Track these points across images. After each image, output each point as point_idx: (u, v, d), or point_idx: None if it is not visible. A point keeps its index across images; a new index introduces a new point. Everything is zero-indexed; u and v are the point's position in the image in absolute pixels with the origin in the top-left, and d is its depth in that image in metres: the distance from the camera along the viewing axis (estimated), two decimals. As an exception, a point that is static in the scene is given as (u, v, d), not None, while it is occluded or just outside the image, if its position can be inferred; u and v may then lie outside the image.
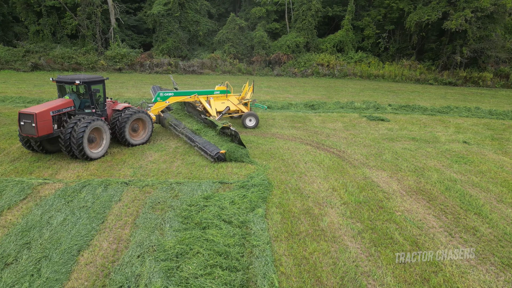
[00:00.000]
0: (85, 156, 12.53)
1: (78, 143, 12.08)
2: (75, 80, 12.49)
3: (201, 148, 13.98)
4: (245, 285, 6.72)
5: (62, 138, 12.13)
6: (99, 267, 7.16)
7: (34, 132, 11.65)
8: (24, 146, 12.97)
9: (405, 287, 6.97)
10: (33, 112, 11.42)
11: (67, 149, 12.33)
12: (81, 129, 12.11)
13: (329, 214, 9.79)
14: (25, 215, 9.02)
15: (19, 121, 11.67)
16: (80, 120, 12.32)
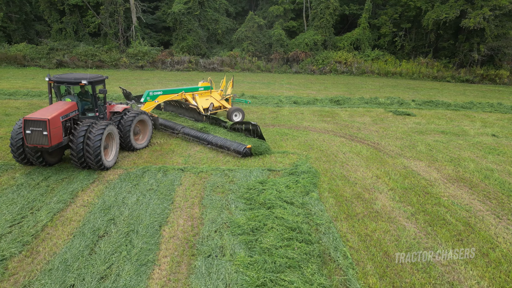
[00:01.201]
0: (102, 166, 11.01)
1: (96, 152, 10.60)
2: (80, 80, 10.94)
3: (221, 146, 13.64)
4: (321, 255, 7.30)
5: (74, 148, 10.57)
6: (182, 240, 7.77)
7: (45, 142, 9.92)
8: (17, 159, 10.96)
9: (466, 260, 7.49)
10: (45, 118, 9.71)
11: (79, 160, 10.75)
12: (97, 136, 10.67)
13: (380, 198, 10.32)
14: (99, 196, 9.67)
15: (24, 130, 9.87)
16: (93, 126, 10.93)
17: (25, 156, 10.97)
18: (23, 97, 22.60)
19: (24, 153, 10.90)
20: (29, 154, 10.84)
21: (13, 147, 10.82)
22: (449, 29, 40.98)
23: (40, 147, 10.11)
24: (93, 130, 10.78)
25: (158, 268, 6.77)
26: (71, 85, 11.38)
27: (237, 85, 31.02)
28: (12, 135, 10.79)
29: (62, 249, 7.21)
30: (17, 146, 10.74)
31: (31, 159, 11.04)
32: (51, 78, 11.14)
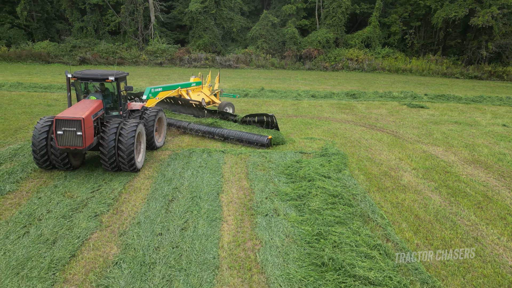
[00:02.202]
0: (134, 168, 10.23)
1: (129, 153, 9.79)
2: (107, 76, 10.21)
3: (240, 139, 13.68)
4: (362, 215, 8.45)
5: (106, 149, 9.74)
6: (239, 204, 8.95)
7: (79, 143, 9.08)
8: (39, 163, 9.90)
9: (487, 222, 8.61)
10: (80, 117, 8.91)
11: (111, 162, 9.92)
12: (130, 135, 9.86)
13: (405, 176, 11.44)
14: (158, 171, 10.87)
15: (55, 131, 8.93)
16: (124, 125, 10.15)
17: (48, 159, 9.86)
18: (58, 90, 23.91)
19: (47, 156, 9.78)
20: (54, 157, 9.75)
21: (36, 149, 9.62)
22: (458, 27, 41.85)
23: (73, 149, 9.15)
24: (125, 130, 9.90)
25: (226, 223, 7.96)
26: (97, 81, 10.40)
27: (254, 81, 32.20)
28: (35, 136, 9.59)
29: (141, 209, 8.43)
30: (41, 148, 9.59)
31: (56, 163, 9.90)
32: (74, 75, 10.24)
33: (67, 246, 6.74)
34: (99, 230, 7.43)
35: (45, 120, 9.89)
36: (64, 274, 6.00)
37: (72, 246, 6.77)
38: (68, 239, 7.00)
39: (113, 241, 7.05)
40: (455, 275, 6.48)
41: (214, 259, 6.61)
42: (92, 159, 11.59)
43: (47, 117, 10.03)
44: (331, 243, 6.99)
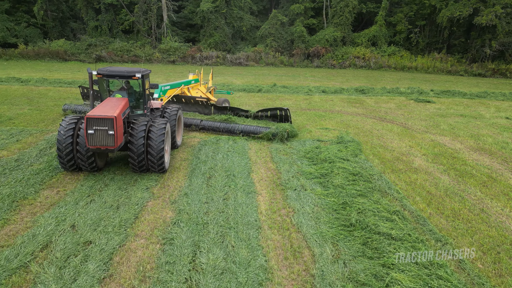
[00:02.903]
0: (163, 169, 9.81)
1: (159, 154, 9.39)
2: (134, 73, 9.73)
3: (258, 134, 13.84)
4: (380, 190, 9.46)
5: (135, 149, 9.22)
6: (269, 182, 9.99)
7: (111, 143, 8.57)
8: (64, 165, 9.37)
9: (492, 197, 9.59)
10: (112, 116, 8.40)
11: (139, 162, 9.43)
12: (160, 135, 9.45)
13: (416, 160, 12.42)
14: (191, 154, 11.93)
15: (86, 130, 8.36)
16: (153, 124, 9.70)
17: (74, 161, 9.33)
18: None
19: (73, 157, 9.25)
20: (80, 158, 9.22)
21: (62, 150, 9.08)
22: (462, 26, 42.65)
23: (104, 149, 8.63)
24: (154, 129, 9.48)
25: (261, 196, 9.00)
26: (124, 78, 10.01)
27: (265, 78, 33.19)
28: (60, 137, 9.03)
29: (185, 184, 9.49)
30: (67, 149, 9.06)
31: (82, 164, 9.37)
32: (99, 72, 9.75)
33: (130, 210, 7.81)
34: (152, 199, 8.50)
35: (70, 120, 9.24)
36: (134, 230, 7.07)
37: (134, 210, 7.84)
38: (129, 205, 8.07)
39: (167, 208, 8.11)
40: (464, 235, 7.49)
41: (256, 221, 7.65)
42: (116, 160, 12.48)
43: (71, 117, 9.38)
44: (355, 210, 8.01)
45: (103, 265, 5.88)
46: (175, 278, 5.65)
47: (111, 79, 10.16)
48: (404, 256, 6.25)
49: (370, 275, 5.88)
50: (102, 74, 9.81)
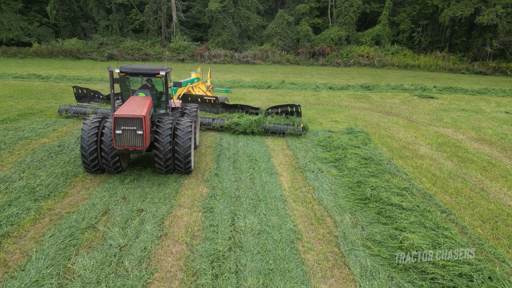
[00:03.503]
0: (190, 169, 9.43)
1: (187, 154, 8.99)
2: (157, 71, 9.36)
3: (274, 130, 14.01)
4: (390, 172, 10.40)
5: (161, 149, 8.84)
6: (289, 165, 10.94)
7: (139, 143, 8.19)
8: (88, 167, 8.97)
9: (491, 179, 10.51)
10: (141, 115, 8.03)
11: (166, 163, 9.03)
12: (187, 135, 9.02)
13: (421, 148, 13.34)
14: (214, 143, 12.89)
15: (114, 130, 7.99)
16: (179, 123, 9.29)
17: (98, 161, 8.91)
18: (99, 82, 26.02)
19: (97, 158, 8.84)
20: (105, 159, 8.84)
21: (85, 152, 8.65)
22: (464, 25, 43.46)
23: (131, 150, 8.26)
24: (180, 129, 9.05)
25: (282, 176, 9.96)
26: (147, 76, 9.59)
27: (272, 75, 34.11)
28: (83, 138, 8.59)
29: (214, 166, 10.45)
30: (91, 151, 8.64)
31: (106, 166, 8.99)
32: (122, 69, 9.33)
33: (170, 186, 8.79)
34: (187, 178, 9.46)
35: (93, 120, 8.81)
36: (177, 202, 8.05)
37: (173, 186, 8.82)
38: (168, 183, 9.04)
39: (201, 185, 9.09)
40: (466, 209, 8.43)
41: (281, 196, 8.62)
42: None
43: (94, 116, 8.97)
44: (369, 187, 8.96)
45: (157, 227, 6.86)
46: (220, 236, 6.63)
47: (134, 77, 9.70)
48: (414, 221, 7.20)
49: (386, 236, 6.83)
50: (125, 72, 9.34)
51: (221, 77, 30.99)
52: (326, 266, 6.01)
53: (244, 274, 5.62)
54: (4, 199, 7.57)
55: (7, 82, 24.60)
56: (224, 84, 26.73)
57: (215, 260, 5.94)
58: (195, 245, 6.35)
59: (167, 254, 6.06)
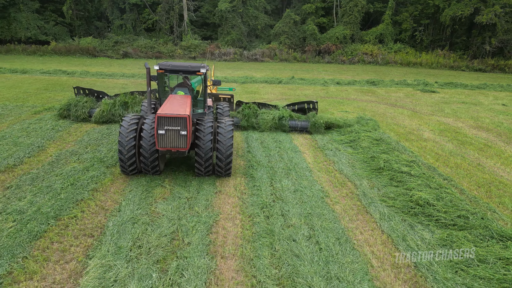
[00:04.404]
0: (230, 172, 8.87)
1: (228, 154, 8.39)
2: (198, 68, 8.98)
3: (294, 127, 14.07)
4: (398, 150, 11.85)
5: (202, 150, 8.22)
6: (309, 146, 12.36)
7: (183, 144, 7.86)
8: (125, 169, 8.40)
9: (487, 157, 11.94)
10: (185, 114, 7.64)
11: (206, 165, 8.44)
12: (229, 134, 8.46)
13: (425, 133, 14.77)
14: (245, 136, 14.33)
15: (157, 129, 7.63)
16: (220, 123, 8.67)
17: (135, 163, 8.38)
18: (121, 78, 27.52)
19: (135, 160, 8.29)
20: (144, 160, 8.30)
21: (124, 152, 8.11)
22: (464, 24, 44.78)
23: (174, 151, 7.93)
24: (222, 129, 8.50)
25: (305, 154, 11.42)
26: (188, 74, 9.19)
27: (281, 72, 35.53)
28: (122, 138, 8.06)
29: (244, 146, 11.91)
30: (129, 151, 8.09)
31: (144, 167, 8.50)
32: (161, 66, 8.95)
33: (213, 159, 10.25)
34: (225, 154, 10.92)
35: (131, 121, 8.29)
36: (222, 170, 9.51)
37: (216, 159, 10.29)
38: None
39: (238, 159, 10.54)
40: (464, 178, 9.87)
41: (307, 167, 10.08)
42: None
43: (131, 116, 8.46)
44: (382, 160, 10.41)
45: (212, 186, 8.34)
46: (263, 193, 8.11)
47: (174, 74, 9.36)
48: (421, 184, 8.66)
49: (398, 194, 8.29)
50: (164, 69, 8.94)
51: (233, 74, 32.43)
52: (352, 213, 7.48)
53: (288, 216, 7.11)
54: (81, 166, 9.08)
55: (37, 77, 26.12)
56: (237, 79, 28.16)
57: (264, 207, 7.42)
58: (245, 198, 7.83)
59: (225, 204, 7.54)
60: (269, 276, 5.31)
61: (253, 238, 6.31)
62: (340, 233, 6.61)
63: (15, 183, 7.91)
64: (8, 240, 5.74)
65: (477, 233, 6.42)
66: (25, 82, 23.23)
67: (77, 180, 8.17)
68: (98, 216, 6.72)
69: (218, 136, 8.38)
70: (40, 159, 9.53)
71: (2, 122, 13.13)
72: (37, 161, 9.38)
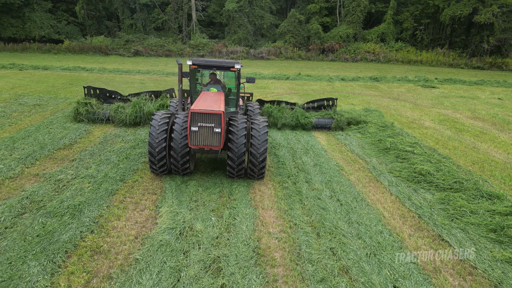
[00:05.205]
0: (263, 175, 8.31)
1: (262, 157, 7.86)
2: (232, 64, 8.59)
3: (316, 126, 13.90)
4: (402, 135, 13.13)
5: (235, 151, 7.71)
6: (322, 132, 13.66)
7: (217, 142, 7.44)
8: (154, 168, 7.98)
9: (481, 142, 13.20)
10: (220, 111, 7.22)
11: (238, 168, 7.95)
12: (264, 136, 7.89)
13: (426, 123, 16.04)
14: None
15: (190, 126, 7.24)
16: (254, 123, 8.14)
17: (165, 162, 7.95)
18: (137, 74, 28.81)
19: (165, 159, 7.86)
20: (174, 159, 7.84)
21: (154, 155, 7.70)
22: (463, 24, 46.01)
23: (207, 150, 7.51)
24: (256, 129, 7.92)
25: (319, 138, 12.68)
26: (222, 70, 8.89)
27: (287, 69, 36.79)
28: (152, 137, 7.62)
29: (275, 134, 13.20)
30: (160, 149, 7.66)
31: (174, 167, 8.02)
32: (195, 62, 8.58)
33: (239, 141, 11.56)
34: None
35: (161, 119, 7.83)
36: (249, 149, 10.82)
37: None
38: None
39: (261, 141, 11.84)
40: (461, 157, 11.15)
41: (322, 148, 11.36)
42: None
43: (162, 113, 8.02)
44: (388, 143, 11.71)
45: (243, 161, 9.63)
46: (287, 167, 9.40)
47: (207, 70, 9.10)
48: (423, 160, 9.96)
49: (403, 167, 9.58)
50: (197, 65, 8.61)
51: (242, 71, 33.70)
52: (364, 181, 8.78)
53: (312, 182, 8.41)
54: (128, 145, 10.39)
55: (58, 73, 27.44)
56: (247, 76, 29.43)
57: (290, 176, 8.73)
58: (273, 170, 9.13)
59: (257, 173, 8.82)
60: (302, 221, 6.62)
61: (285, 196, 7.62)
62: (356, 195, 7.91)
63: (77, 157, 9.23)
64: (91, 195, 7.06)
65: (470, 194, 7.71)
66: (50, 78, 24.55)
67: (129, 155, 9.48)
68: (155, 181, 8.02)
69: (252, 139, 7.77)
70: (90, 140, 10.84)
71: (45, 110, 14.46)
72: (88, 141, 10.69)
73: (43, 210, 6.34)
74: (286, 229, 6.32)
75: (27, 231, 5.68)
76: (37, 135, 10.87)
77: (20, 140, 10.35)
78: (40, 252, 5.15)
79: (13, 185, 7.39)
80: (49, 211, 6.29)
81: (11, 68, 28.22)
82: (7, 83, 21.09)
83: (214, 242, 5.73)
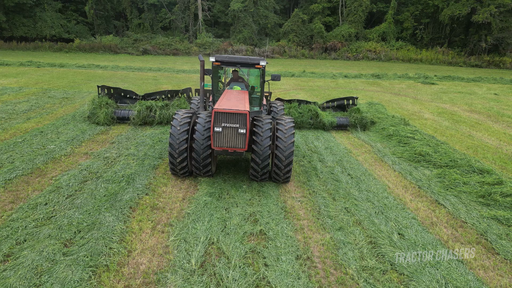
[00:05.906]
0: (289, 178, 7.76)
1: (288, 159, 7.33)
2: (257, 61, 8.05)
3: (336, 125, 13.64)
4: (404, 125, 14.23)
5: (260, 153, 7.20)
6: (329, 122, 14.78)
7: (241, 144, 7.03)
8: (175, 170, 7.61)
9: (476, 131, 14.30)
10: (245, 110, 6.81)
11: (263, 172, 7.48)
12: (290, 137, 7.35)
13: (425, 115, 17.13)
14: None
15: (213, 126, 6.85)
16: (280, 123, 7.56)
17: (187, 164, 7.55)
18: (149, 71, 29.92)
19: (186, 160, 7.47)
20: (196, 161, 7.41)
21: (175, 157, 7.32)
22: (462, 23, 47.06)
23: (231, 151, 7.11)
24: (282, 130, 7.39)
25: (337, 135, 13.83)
26: (246, 67, 8.34)
27: (292, 67, 37.87)
28: (173, 138, 7.23)
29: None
30: (181, 151, 7.25)
31: (195, 169, 7.63)
32: (218, 59, 8.10)
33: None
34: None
35: (183, 115, 7.48)
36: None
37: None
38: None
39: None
40: (457, 143, 12.25)
41: (331, 135, 12.48)
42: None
43: (184, 111, 7.65)
44: (391, 130, 12.82)
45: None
46: (301, 149, 10.50)
47: (231, 67, 8.68)
48: (422, 144, 11.07)
49: (405, 150, 10.69)
50: (220, 62, 8.12)
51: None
52: (371, 161, 9.90)
53: (325, 160, 9.53)
54: (158, 131, 11.50)
55: (74, 70, 28.58)
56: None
57: (305, 156, 9.85)
58: (290, 152, 10.22)
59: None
60: (319, 189, 7.74)
61: (302, 171, 8.74)
62: (364, 171, 9.03)
63: (116, 140, 10.37)
64: (138, 168, 8.19)
65: (464, 169, 8.82)
66: (68, 74, 25.68)
67: (161, 139, 10.61)
68: (189, 159, 9.14)
69: (277, 141, 7.24)
70: (122, 127, 11.97)
71: (74, 102, 15.59)
72: (121, 128, 11.82)
73: (102, 179, 7.47)
74: (306, 195, 7.43)
75: (94, 193, 6.82)
76: (75, 123, 12.00)
77: (62, 126, 11.48)
78: (110, 207, 6.28)
79: (69, 161, 8.53)
80: (107, 179, 7.42)
81: (29, 66, 29.36)
82: (30, 79, 22.23)
83: (248, 202, 6.85)
